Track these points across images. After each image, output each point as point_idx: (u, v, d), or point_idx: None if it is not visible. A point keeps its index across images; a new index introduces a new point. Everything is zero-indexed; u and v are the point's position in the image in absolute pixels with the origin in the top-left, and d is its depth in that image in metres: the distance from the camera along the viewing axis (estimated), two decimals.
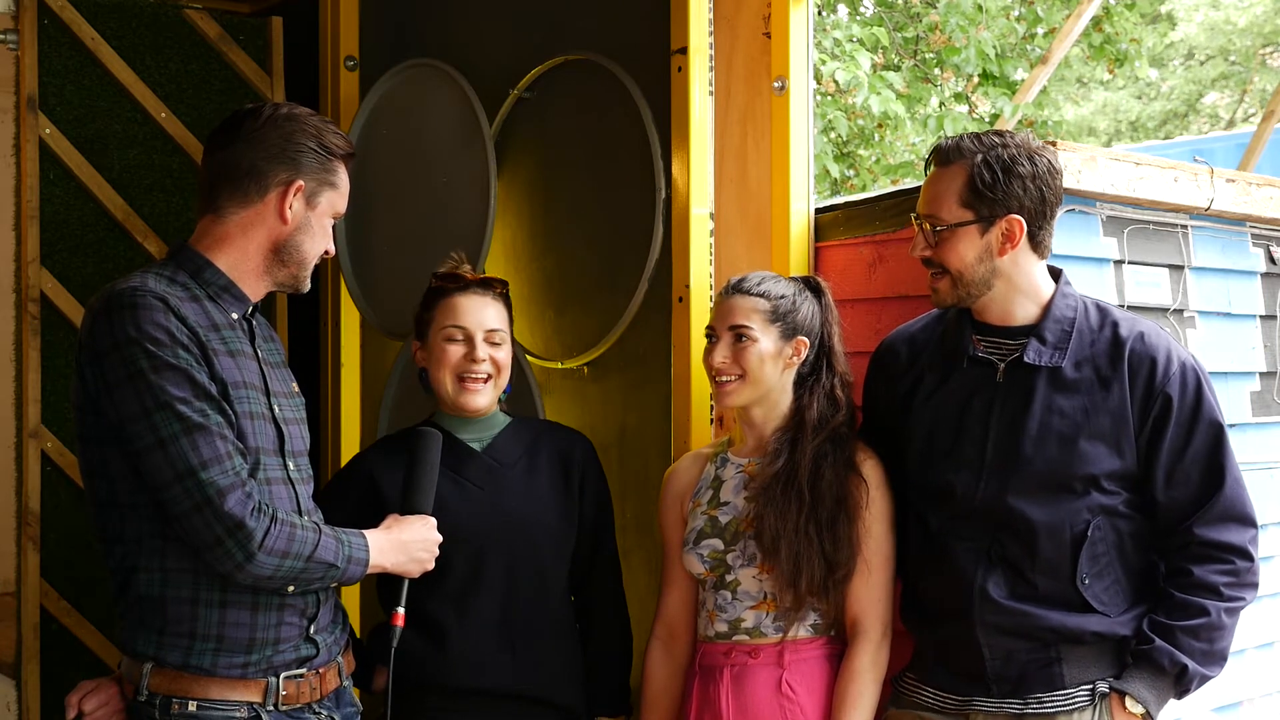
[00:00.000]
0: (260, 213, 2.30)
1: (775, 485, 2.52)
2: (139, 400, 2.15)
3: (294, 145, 2.30)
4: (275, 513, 2.20)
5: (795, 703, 2.50)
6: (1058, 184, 2.43)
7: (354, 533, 2.33)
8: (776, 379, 2.58)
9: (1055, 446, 2.38)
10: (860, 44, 8.52)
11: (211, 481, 2.14)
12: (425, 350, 2.71)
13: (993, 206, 2.38)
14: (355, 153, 2.43)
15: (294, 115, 2.34)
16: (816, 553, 2.47)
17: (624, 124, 3.24)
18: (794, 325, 2.58)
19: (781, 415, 2.60)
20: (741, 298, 2.59)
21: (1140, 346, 2.40)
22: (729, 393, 2.58)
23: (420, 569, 2.44)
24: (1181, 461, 2.38)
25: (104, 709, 2.28)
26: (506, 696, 2.63)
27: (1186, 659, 2.33)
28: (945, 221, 2.40)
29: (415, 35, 3.91)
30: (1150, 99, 16.99)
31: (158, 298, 2.19)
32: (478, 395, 2.66)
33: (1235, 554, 2.37)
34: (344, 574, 2.29)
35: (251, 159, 2.29)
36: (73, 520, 3.86)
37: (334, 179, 2.35)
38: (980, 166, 2.37)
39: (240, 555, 2.16)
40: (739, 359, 2.56)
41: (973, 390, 2.46)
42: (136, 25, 4.05)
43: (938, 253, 2.42)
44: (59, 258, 3.91)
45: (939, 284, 2.45)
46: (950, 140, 2.44)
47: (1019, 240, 2.39)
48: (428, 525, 2.45)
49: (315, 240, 2.34)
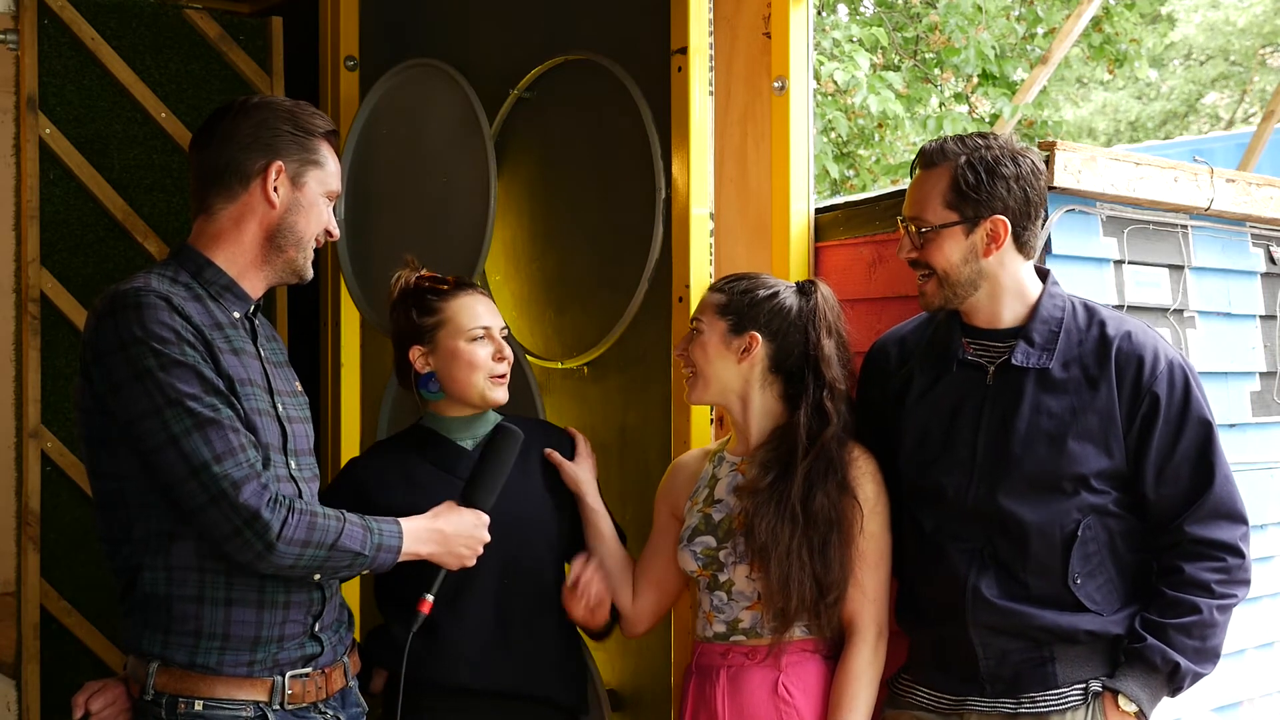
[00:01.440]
0: (248, 203, 2.31)
1: (767, 500, 2.48)
2: (149, 398, 2.15)
3: (268, 130, 2.32)
4: (293, 503, 2.21)
5: (791, 705, 2.49)
6: (1041, 185, 2.44)
7: (387, 520, 2.33)
8: (731, 375, 2.55)
9: (1044, 447, 2.38)
10: (860, 44, 8.52)
11: (226, 474, 2.14)
12: (434, 354, 2.68)
13: (977, 207, 2.39)
14: (337, 130, 2.43)
15: (265, 103, 2.37)
16: (808, 576, 2.44)
17: (624, 124, 3.24)
18: (748, 319, 2.54)
19: (768, 421, 2.57)
20: (708, 294, 2.63)
21: (1127, 345, 2.40)
22: (689, 387, 2.62)
23: (459, 563, 2.44)
24: (1171, 459, 2.38)
25: (110, 709, 2.28)
26: (501, 695, 2.63)
27: (1179, 657, 2.33)
28: (930, 223, 2.42)
29: (415, 35, 3.91)
30: (1150, 99, 16.99)
31: (161, 297, 2.19)
32: (504, 389, 2.70)
33: (1226, 551, 2.37)
34: (373, 562, 2.29)
35: (230, 153, 2.31)
36: (73, 520, 3.86)
37: (316, 157, 2.35)
38: (964, 168, 2.38)
39: (259, 545, 2.16)
40: (688, 352, 2.59)
41: (963, 393, 2.47)
42: (136, 25, 4.05)
43: (923, 254, 2.43)
44: (59, 258, 3.91)
45: (926, 286, 2.46)
46: (935, 143, 2.45)
47: (1004, 241, 2.40)
48: (478, 522, 2.45)
49: (308, 219, 2.34)
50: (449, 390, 2.69)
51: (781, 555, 2.44)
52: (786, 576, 2.44)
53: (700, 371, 2.57)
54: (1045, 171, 2.45)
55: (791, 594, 2.44)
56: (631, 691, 3.21)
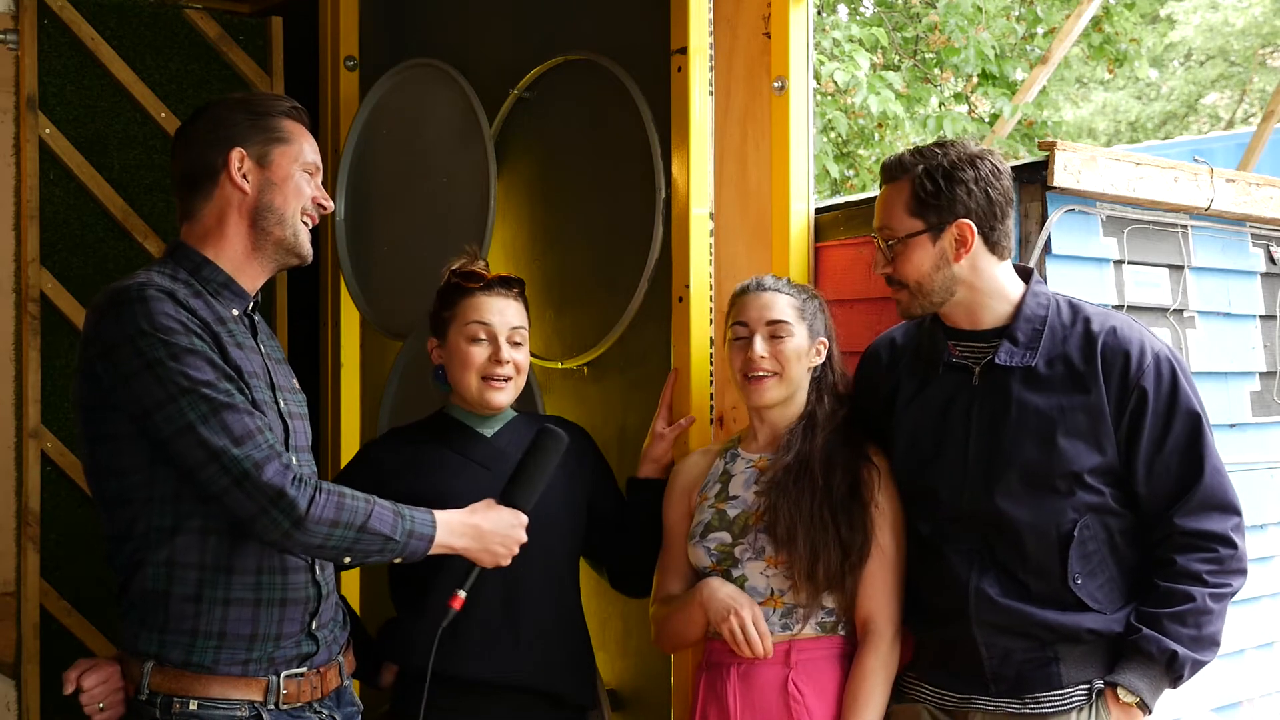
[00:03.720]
0: (223, 196, 2.33)
1: (788, 476, 2.53)
2: (162, 388, 2.15)
3: (222, 124, 2.34)
4: (320, 483, 2.21)
5: (801, 703, 2.50)
6: (1004, 184, 2.45)
7: (420, 510, 2.33)
8: (803, 377, 2.62)
9: (1034, 446, 2.38)
10: (860, 44, 8.52)
11: (247, 456, 2.15)
12: (444, 349, 2.71)
13: (940, 213, 2.41)
14: (301, 107, 2.43)
15: (220, 100, 2.40)
16: (833, 538, 2.48)
17: (624, 124, 3.24)
18: (816, 326, 2.63)
19: (796, 412, 2.62)
20: (773, 294, 2.62)
21: (1113, 340, 2.40)
22: (765, 389, 2.59)
23: (494, 561, 2.42)
24: (1160, 453, 2.38)
25: (102, 687, 2.26)
26: (512, 690, 2.63)
27: (1174, 645, 2.33)
28: (897, 234, 2.44)
29: (415, 35, 3.91)
30: (1150, 100, 16.98)
31: (165, 291, 2.20)
32: (500, 394, 2.68)
33: (1218, 542, 2.37)
34: (405, 548, 2.29)
35: (194, 156, 2.34)
36: (73, 520, 3.86)
37: (278, 134, 2.36)
38: (921, 176, 2.42)
39: (286, 523, 2.16)
40: (778, 354, 2.58)
41: (951, 395, 2.48)
42: (136, 25, 4.05)
43: (896, 267, 2.45)
44: (59, 258, 3.91)
45: (899, 296, 2.49)
46: (894, 157, 2.49)
47: (972, 244, 2.41)
48: (515, 522, 2.44)
49: (285, 196, 2.34)
50: (452, 385, 2.71)
51: (806, 522, 2.48)
52: (814, 542, 2.47)
53: (787, 373, 2.59)
54: (1006, 171, 2.47)
55: (819, 558, 2.47)
56: (631, 691, 3.21)
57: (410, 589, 2.67)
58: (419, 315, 3.67)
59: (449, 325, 2.70)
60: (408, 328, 3.74)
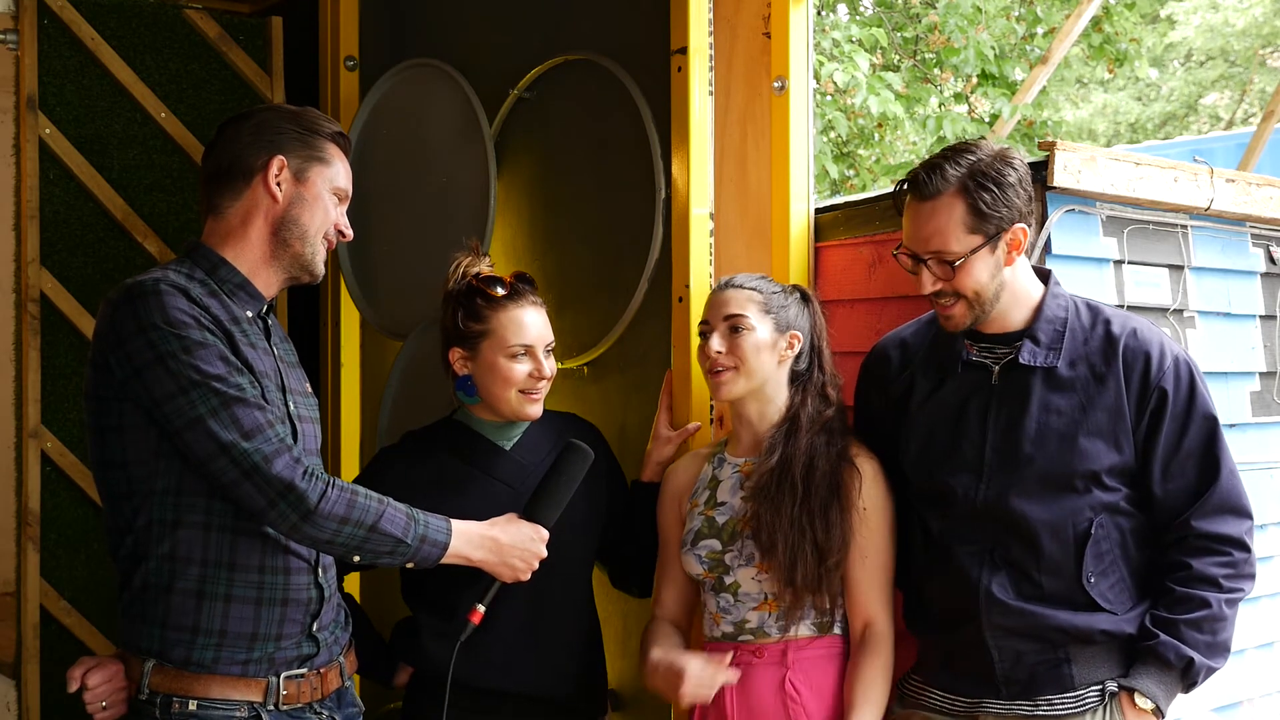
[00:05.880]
0: (253, 198, 2.33)
1: (770, 481, 2.52)
2: (173, 380, 2.16)
3: (271, 129, 2.35)
4: (332, 479, 2.22)
5: (799, 703, 2.50)
6: (1030, 179, 2.45)
7: (437, 516, 2.34)
8: (772, 371, 2.59)
9: (1055, 445, 2.38)
10: (859, 44, 8.52)
11: (257, 449, 2.16)
12: (474, 361, 2.65)
13: (999, 223, 2.38)
14: (347, 135, 2.45)
15: (272, 107, 2.42)
16: (809, 543, 2.47)
17: (624, 124, 3.24)
18: (786, 320, 2.61)
19: (778, 413, 2.61)
20: (735, 291, 2.62)
21: (1134, 342, 2.41)
22: (724, 383, 2.59)
23: (512, 575, 2.43)
24: (1177, 455, 2.39)
25: (106, 685, 2.26)
26: (526, 698, 2.63)
27: (1192, 652, 2.34)
28: (957, 254, 2.37)
29: (415, 35, 3.91)
30: (1150, 100, 16.98)
31: (179, 288, 2.22)
32: (538, 405, 2.67)
33: (1233, 545, 2.37)
34: (417, 553, 2.29)
35: (235, 153, 2.34)
36: (73, 520, 3.86)
37: (321, 154, 2.37)
38: (975, 190, 2.35)
39: (295, 515, 2.18)
40: (734, 349, 2.58)
41: (969, 394, 2.47)
42: (136, 25, 4.05)
43: (954, 283, 2.40)
44: (59, 258, 3.91)
45: (953, 309, 2.42)
46: (926, 170, 2.40)
47: (1024, 245, 2.41)
48: (536, 536, 2.44)
49: (313, 214, 2.36)
50: (484, 398, 2.68)
51: (785, 529, 2.47)
52: (792, 549, 2.46)
53: (746, 367, 2.57)
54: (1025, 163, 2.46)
55: (797, 565, 2.46)
56: (632, 692, 3.21)
57: (422, 594, 2.67)
58: (419, 315, 3.67)
59: (481, 340, 2.64)
60: (408, 328, 3.74)
